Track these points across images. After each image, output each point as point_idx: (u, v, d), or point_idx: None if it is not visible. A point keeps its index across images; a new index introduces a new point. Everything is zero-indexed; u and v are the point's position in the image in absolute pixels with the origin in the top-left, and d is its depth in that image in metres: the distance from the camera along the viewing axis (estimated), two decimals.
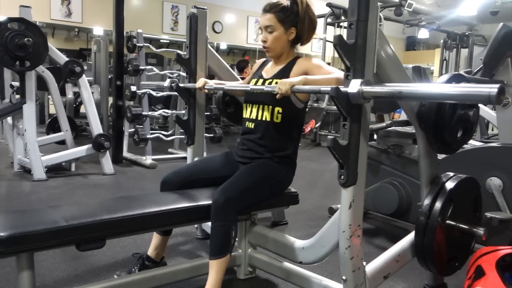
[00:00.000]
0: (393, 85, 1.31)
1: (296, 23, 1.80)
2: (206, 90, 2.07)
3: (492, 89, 1.02)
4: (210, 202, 1.67)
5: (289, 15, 1.78)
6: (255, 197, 1.76)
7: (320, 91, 1.45)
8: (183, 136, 2.55)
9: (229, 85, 2.04)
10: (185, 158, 3.61)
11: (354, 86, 1.29)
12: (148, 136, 4.83)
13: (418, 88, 1.25)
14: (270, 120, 1.81)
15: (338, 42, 1.29)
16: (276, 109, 1.79)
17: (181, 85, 2.28)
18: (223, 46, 11.75)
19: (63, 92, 6.03)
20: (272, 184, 1.80)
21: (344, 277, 1.47)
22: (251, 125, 1.87)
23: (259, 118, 1.84)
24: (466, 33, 8.21)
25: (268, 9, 1.80)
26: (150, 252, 1.91)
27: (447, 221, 1.65)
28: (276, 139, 1.81)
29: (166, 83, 2.34)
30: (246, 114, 1.92)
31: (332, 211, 2.95)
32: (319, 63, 1.78)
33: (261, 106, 1.83)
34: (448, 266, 1.72)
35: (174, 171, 1.91)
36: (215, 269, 1.64)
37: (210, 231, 1.65)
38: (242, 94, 2.03)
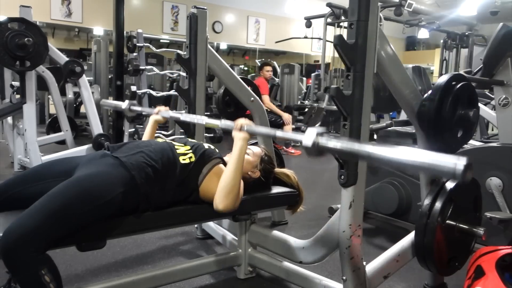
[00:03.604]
0: (352, 143, 1.11)
1: None
2: (161, 118, 2.02)
3: (458, 163, 0.88)
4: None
5: None
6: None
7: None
8: (183, 136, 2.55)
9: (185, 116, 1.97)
10: None
11: (310, 136, 1.17)
12: None
13: (379, 152, 1.03)
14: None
15: (339, 42, 1.29)
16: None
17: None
18: (223, 46, 11.75)
19: (63, 92, 6.02)
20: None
21: (344, 277, 1.48)
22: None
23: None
24: (466, 33, 8.19)
25: None
26: None
27: (447, 221, 1.65)
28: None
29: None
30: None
31: (332, 211, 2.95)
32: None
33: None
34: (448, 266, 1.72)
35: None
36: None
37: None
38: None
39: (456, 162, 0.88)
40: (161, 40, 10.12)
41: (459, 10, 8.88)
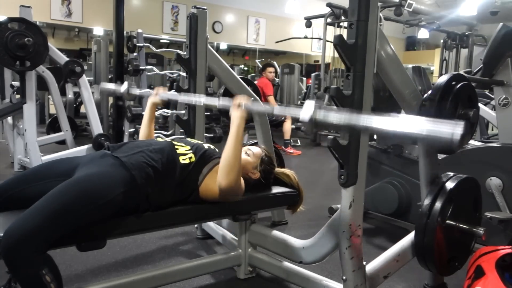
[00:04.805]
0: (349, 116, 1.08)
1: None
2: (159, 101, 2.01)
3: (455, 132, 0.90)
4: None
5: None
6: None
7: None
8: (183, 136, 2.55)
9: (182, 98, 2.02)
10: None
11: (308, 110, 1.13)
12: None
13: (376, 123, 1.03)
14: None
15: (339, 42, 1.29)
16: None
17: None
18: (223, 46, 11.75)
19: (63, 92, 6.02)
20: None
21: (344, 277, 1.48)
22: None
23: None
24: (466, 33, 8.19)
25: None
26: None
27: (447, 221, 1.65)
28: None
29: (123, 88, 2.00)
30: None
31: (332, 211, 2.95)
32: None
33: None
34: (448, 266, 1.72)
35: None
36: None
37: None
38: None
39: (452, 132, 0.91)
40: (161, 40, 10.12)
41: (459, 10, 8.88)
